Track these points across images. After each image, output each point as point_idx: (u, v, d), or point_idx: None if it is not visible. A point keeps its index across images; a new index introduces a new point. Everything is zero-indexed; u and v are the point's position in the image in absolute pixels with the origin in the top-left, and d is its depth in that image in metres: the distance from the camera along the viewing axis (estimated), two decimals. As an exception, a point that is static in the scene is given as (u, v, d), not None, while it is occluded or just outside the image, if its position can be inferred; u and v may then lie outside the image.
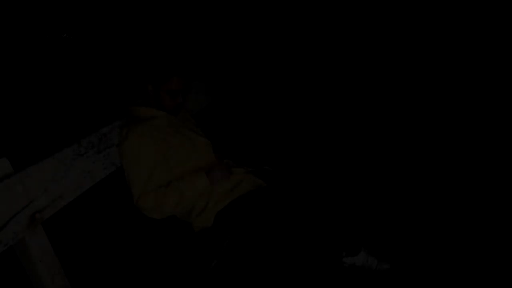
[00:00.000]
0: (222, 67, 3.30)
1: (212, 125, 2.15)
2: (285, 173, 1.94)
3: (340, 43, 4.06)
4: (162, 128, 1.61)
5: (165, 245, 1.63)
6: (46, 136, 2.99)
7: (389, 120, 3.55)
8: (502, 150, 2.76)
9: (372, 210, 2.35)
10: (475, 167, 2.60)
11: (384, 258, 1.88)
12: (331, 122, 3.70)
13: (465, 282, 1.74)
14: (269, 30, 4.15)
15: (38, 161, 1.22)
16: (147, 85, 1.65)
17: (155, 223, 1.57)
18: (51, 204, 1.25)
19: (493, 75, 3.41)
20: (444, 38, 3.68)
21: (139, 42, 3.69)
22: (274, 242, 1.63)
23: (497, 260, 1.83)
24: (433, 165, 2.73)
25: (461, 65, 3.59)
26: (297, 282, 1.70)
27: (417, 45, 3.80)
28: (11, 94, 3.78)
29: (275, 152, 2.37)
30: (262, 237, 1.62)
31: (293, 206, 1.63)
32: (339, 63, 4.04)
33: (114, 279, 1.48)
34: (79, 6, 4.24)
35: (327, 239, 1.86)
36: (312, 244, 1.70)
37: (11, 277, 1.66)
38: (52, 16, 4.32)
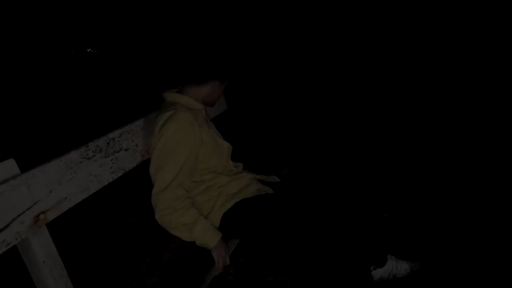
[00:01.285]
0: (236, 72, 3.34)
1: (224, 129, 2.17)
2: (295, 182, 1.95)
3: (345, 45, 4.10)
4: (201, 121, 1.62)
5: (169, 248, 1.63)
6: (56, 138, 3.06)
7: (401, 122, 3.53)
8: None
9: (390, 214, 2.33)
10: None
11: (414, 258, 1.89)
12: (343, 124, 3.69)
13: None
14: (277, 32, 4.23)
15: (44, 163, 1.24)
16: (213, 80, 1.66)
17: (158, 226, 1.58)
18: (56, 205, 1.26)
19: (493, 75, 3.36)
20: (444, 38, 3.65)
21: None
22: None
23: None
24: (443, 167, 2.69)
25: (460, 65, 3.54)
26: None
27: (417, 45, 3.78)
28: (21, 96, 3.89)
29: (285, 158, 2.36)
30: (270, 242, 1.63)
31: (300, 215, 1.61)
32: (346, 65, 4.07)
33: (116, 282, 1.48)
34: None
35: (349, 255, 1.86)
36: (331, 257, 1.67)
37: (16, 277, 1.69)
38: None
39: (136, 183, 2.84)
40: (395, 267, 1.87)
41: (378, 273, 1.85)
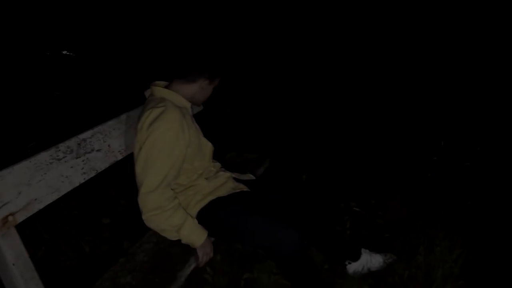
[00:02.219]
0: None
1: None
2: (270, 180, 1.98)
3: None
4: (188, 120, 1.60)
5: (142, 248, 1.63)
6: (25, 139, 3.01)
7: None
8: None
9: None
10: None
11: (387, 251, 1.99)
12: (317, 121, 3.74)
13: None
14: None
15: (13, 164, 1.23)
16: (201, 79, 1.63)
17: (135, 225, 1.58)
18: (26, 207, 1.25)
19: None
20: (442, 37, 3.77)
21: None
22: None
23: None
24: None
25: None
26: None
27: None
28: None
29: (261, 156, 2.39)
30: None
31: (271, 212, 1.65)
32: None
33: (90, 282, 1.48)
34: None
35: (324, 250, 1.92)
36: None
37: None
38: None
39: (110, 184, 2.84)
40: (369, 260, 1.93)
41: (352, 267, 1.92)
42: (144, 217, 1.51)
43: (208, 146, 1.71)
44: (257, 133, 3.51)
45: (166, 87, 1.66)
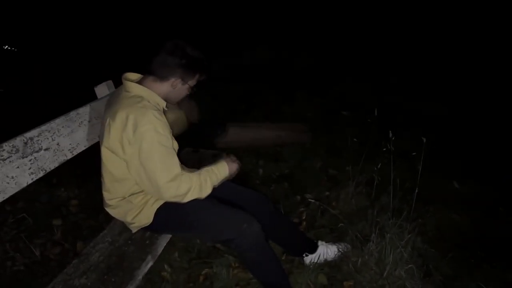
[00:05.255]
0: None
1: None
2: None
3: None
4: (165, 119, 1.52)
5: (96, 248, 1.59)
6: None
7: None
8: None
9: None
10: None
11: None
12: None
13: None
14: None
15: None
16: (173, 77, 1.55)
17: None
18: (-32, 211, 1.18)
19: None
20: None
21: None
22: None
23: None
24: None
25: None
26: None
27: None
28: None
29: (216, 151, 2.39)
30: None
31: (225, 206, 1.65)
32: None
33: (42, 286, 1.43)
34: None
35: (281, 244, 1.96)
36: None
37: None
38: None
39: (61, 183, 2.74)
40: (325, 251, 2.00)
41: (308, 258, 1.98)
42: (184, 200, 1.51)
43: (175, 144, 1.66)
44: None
45: (140, 82, 1.56)
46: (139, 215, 1.60)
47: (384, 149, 2.00)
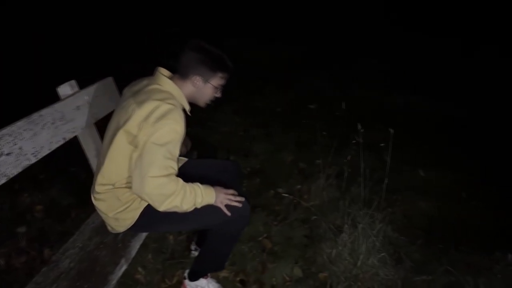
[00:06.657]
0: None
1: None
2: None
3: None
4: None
5: (66, 254, 1.54)
6: None
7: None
8: None
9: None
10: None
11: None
12: None
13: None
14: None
15: None
16: (193, 75, 1.53)
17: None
18: None
19: None
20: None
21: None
22: None
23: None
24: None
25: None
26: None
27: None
28: None
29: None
30: None
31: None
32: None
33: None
34: None
35: None
36: None
37: None
38: None
39: (24, 189, 2.62)
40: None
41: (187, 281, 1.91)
42: (161, 208, 1.44)
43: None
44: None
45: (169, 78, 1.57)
46: (124, 212, 1.55)
47: (353, 141, 2.04)
